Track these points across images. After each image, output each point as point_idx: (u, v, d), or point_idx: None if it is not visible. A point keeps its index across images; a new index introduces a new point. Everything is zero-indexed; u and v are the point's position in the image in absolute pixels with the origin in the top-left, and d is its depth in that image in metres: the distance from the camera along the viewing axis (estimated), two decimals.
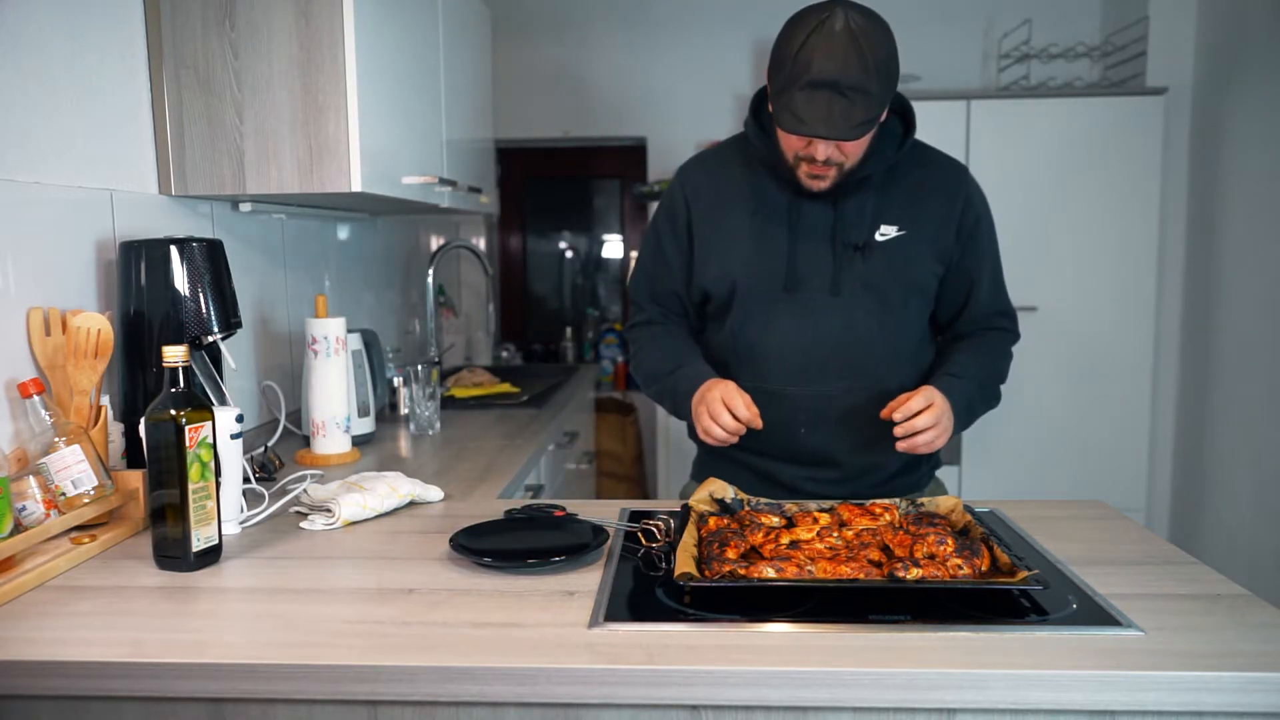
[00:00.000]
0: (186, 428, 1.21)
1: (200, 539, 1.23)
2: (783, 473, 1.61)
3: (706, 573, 1.13)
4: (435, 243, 3.50)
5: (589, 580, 1.18)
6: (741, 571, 1.12)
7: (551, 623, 1.05)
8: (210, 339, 1.56)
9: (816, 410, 1.56)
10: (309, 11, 1.66)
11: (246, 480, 1.48)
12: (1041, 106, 3.28)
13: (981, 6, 3.76)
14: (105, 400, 1.46)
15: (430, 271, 2.83)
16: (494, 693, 0.95)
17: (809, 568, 1.13)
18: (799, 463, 1.60)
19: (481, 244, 4.19)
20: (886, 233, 1.54)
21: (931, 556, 1.16)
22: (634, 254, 4.31)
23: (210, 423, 1.25)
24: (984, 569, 1.14)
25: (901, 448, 1.44)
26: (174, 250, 1.51)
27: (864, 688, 0.93)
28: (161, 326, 1.51)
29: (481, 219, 4.14)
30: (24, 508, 1.25)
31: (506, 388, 2.82)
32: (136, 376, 1.52)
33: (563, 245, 4.55)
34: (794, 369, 1.56)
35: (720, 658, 0.96)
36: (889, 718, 0.96)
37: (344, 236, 2.59)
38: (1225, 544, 3.13)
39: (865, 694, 0.94)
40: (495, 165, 3.23)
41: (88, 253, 1.54)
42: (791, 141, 1.46)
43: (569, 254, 4.55)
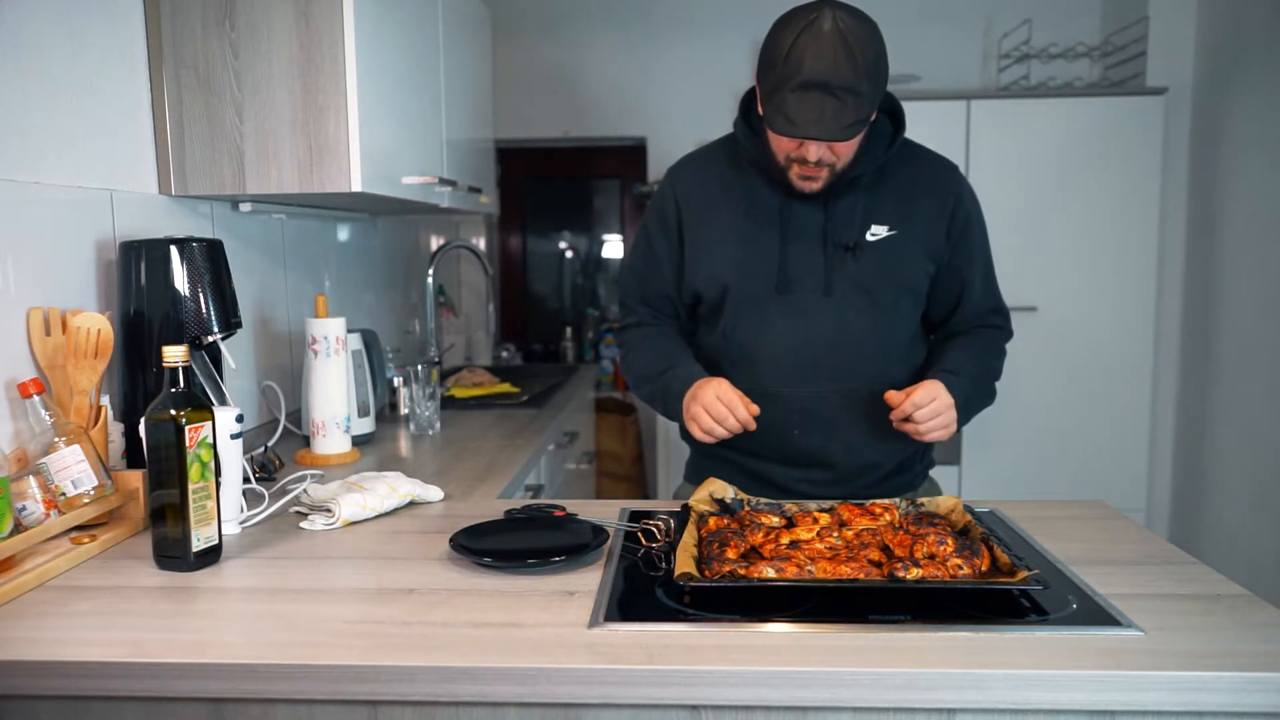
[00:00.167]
0: (186, 428, 1.21)
1: (200, 539, 1.23)
2: (776, 474, 1.60)
3: (706, 573, 1.13)
4: (435, 243, 3.50)
5: (589, 580, 1.18)
6: (741, 571, 1.12)
7: (551, 623, 1.05)
8: (210, 339, 1.56)
9: (809, 411, 1.56)
10: (309, 11, 1.66)
11: (246, 480, 1.48)
12: (1041, 106, 3.28)
13: (981, 6, 3.76)
14: (105, 400, 1.46)
15: (430, 271, 2.83)
16: (494, 693, 0.95)
17: (809, 568, 1.13)
18: (792, 464, 1.60)
19: (481, 244, 4.19)
20: (877, 233, 1.54)
21: (931, 556, 1.16)
22: None
23: (210, 423, 1.25)
24: (984, 569, 1.14)
25: (907, 429, 1.46)
26: (174, 250, 1.51)
27: (864, 688, 0.93)
28: (161, 326, 1.51)
29: (481, 219, 4.14)
30: (24, 508, 1.25)
31: (506, 388, 2.82)
32: (136, 376, 1.52)
33: (563, 245, 4.54)
34: (786, 370, 1.56)
35: (720, 658, 0.96)
36: (889, 718, 0.96)
37: (344, 236, 2.60)
38: (1225, 544, 3.13)
39: (865, 694, 0.94)
40: (495, 165, 3.23)
41: (88, 253, 1.55)
42: (783, 143, 1.46)
43: (569, 254, 4.54)
